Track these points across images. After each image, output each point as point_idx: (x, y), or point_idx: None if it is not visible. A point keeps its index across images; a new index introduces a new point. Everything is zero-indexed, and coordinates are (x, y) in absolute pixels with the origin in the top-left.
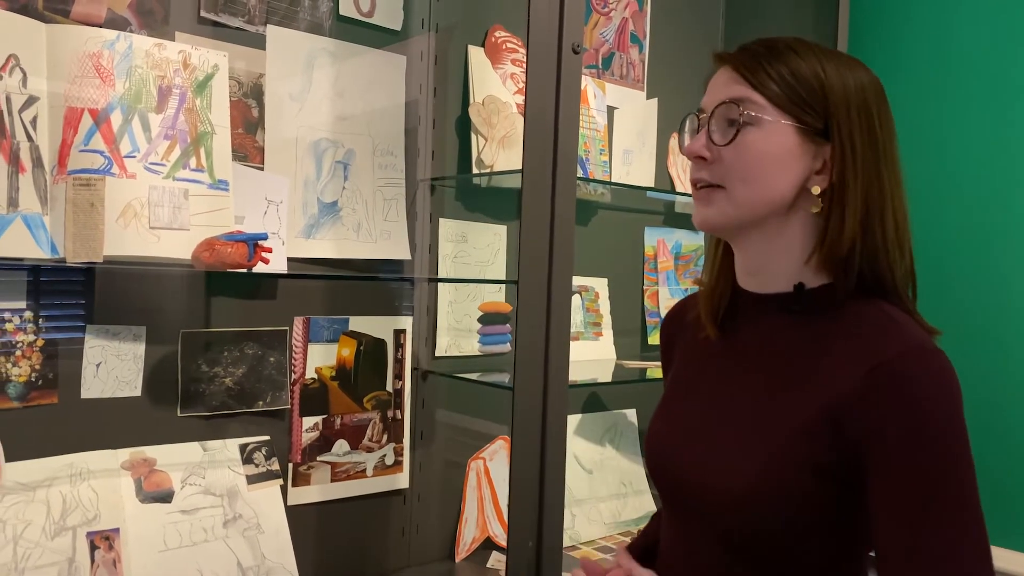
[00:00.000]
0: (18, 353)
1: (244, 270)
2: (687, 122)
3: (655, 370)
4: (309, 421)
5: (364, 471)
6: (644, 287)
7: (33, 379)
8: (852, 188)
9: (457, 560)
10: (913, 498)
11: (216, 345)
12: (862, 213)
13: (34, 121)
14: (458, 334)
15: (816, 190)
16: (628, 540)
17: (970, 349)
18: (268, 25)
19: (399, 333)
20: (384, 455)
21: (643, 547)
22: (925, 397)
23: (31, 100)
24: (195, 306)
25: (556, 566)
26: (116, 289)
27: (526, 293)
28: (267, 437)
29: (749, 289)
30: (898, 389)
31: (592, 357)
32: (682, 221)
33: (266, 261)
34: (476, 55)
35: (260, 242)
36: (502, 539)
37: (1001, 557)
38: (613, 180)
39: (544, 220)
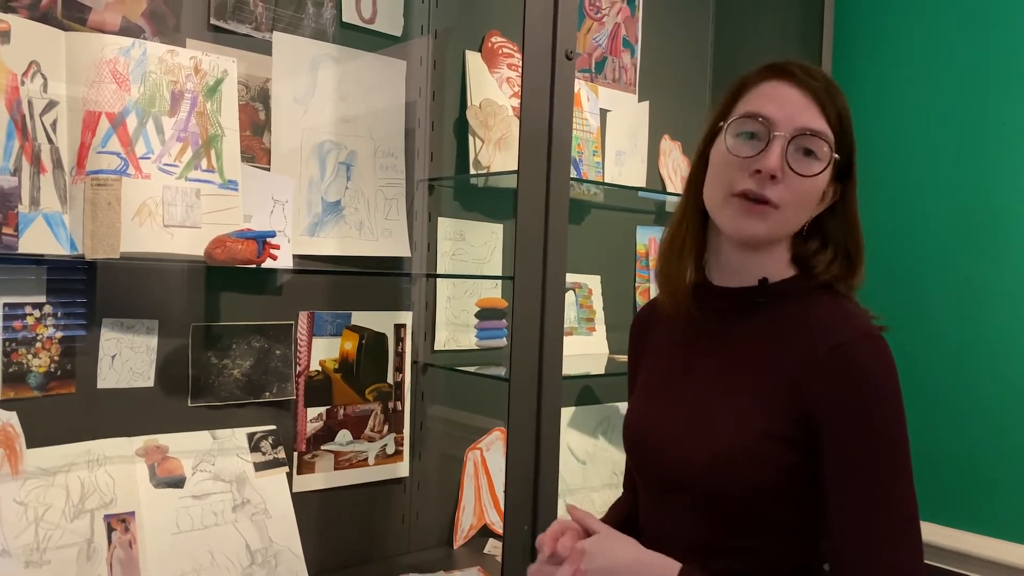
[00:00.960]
0: (38, 345)
1: (253, 266)
2: (736, 126)
3: None
4: (313, 411)
5: (366, 460)
6: (636, 284)
7: (52, 370)
8: (852, 211)
9: (455, 546)
10: (858, 458)
11: (225, 338)
12: (844, 232)
13: (54, 124)
14: (456, 329)
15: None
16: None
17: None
18: (274, 32)
19: (399, 327)
20: (385, 445)
21: (614, 523)
22: (872, 375)
23: (51, 104)
24: (205, 301)
25: None
26: (131, 284)
27: (522, 289)
28: (273, 426)
29: (719, 284)
30: (849, 368)
31: (585, 352)
32: None
33: (274, 258)
34: (473, 60)
35: (268, 239)
36: (498, 526)
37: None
38: (606, 180)
39: (539, 219)
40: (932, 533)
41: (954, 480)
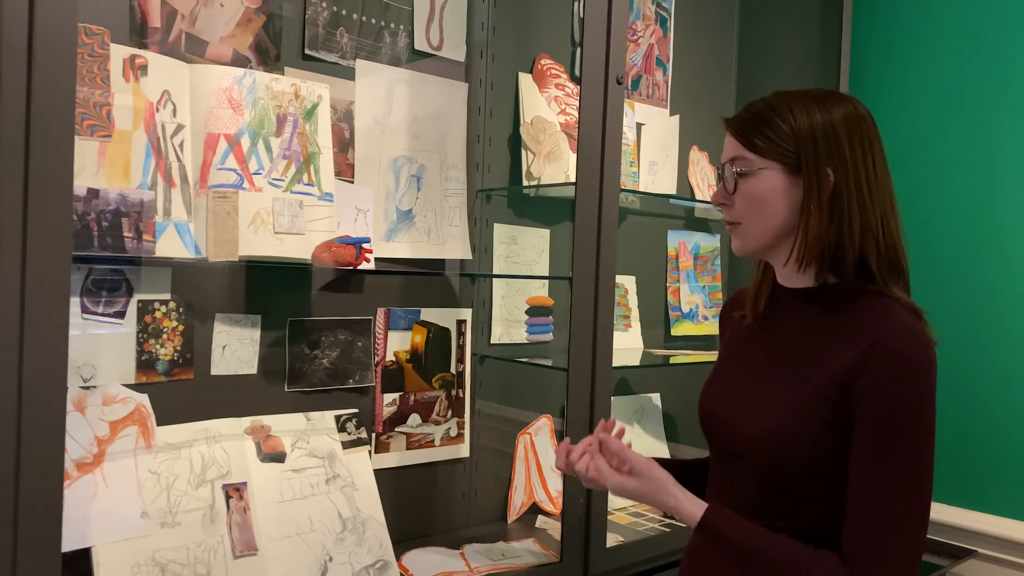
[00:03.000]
0: (164, 336)
1: (348, 267)
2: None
3: (678, 357)
4: (389, 397)
5: (432, 441)
6: (667, 284)
7: (175, 358)
8: (817, 207)
9: (509, 521)
10: (882, 444)
11: (315, 332)
12: (826, 227)
13: (181, 145)
14: (509, 324)
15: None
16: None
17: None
18: (357, 59)
19: (461, 323)
20: (449, 428)
21: (681, 466)
22: (907, 369)
23: (179, 128)
24: (300, 299)
25: (602, 520)
26: (238, 284)
27: (578, 288)
28: (356, 410)
29: (785, 285)
30: (889, 360)
31: (622, 346)
32: (701, 225)
33: (368, 260)
34: (525, 81)
35: (364, 245)
36: (546, 504)
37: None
38: (641, 189)
39: (592, 225)
40: (942, 512)
41: (964, 465)
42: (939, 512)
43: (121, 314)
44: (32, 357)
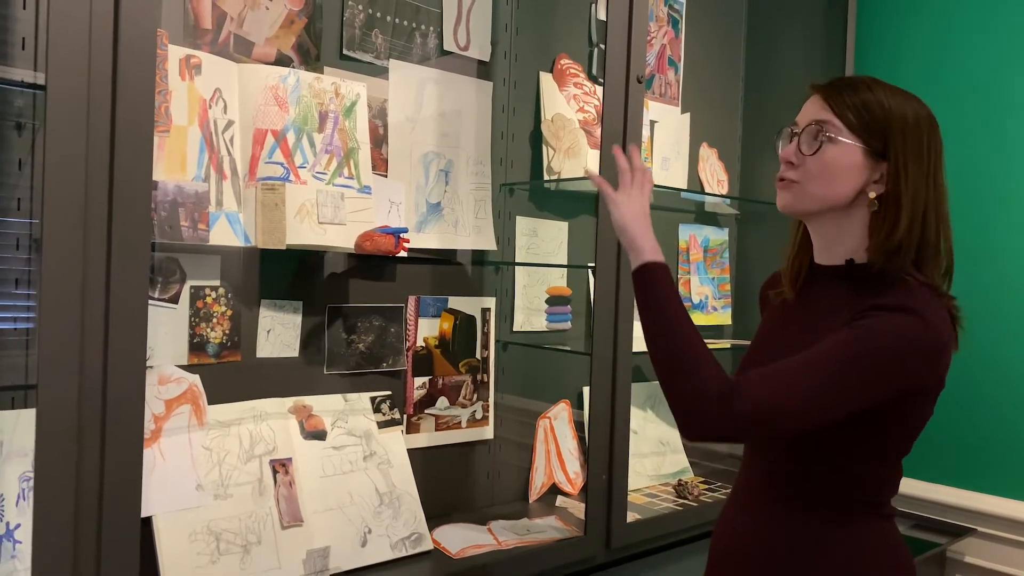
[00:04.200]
0: (214, 320)
1: (384, 255)
2: (782, 132)
3: None
4: (419, 380)
5: (459, 423)
6: (678, 275)
7: (224, 341)
8: (904, 197)
9: (530, 501)
10: (832, 341)
11: (352, 317)
12: (909, 217)
13: (232, 140)
14: (530, 312)
15: (872, 195)
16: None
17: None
18: (391, 59)
19: (485, 311)
20: (475, 411)
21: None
22: (890, 320)
23: (229, 124)
24: (337, 286)
25: (622, 497)
26: (281, 271)
27: (601, 276)
28: (389, 392)
29: (820, 262)
30: (878, 311)
31: (636, 335)
32: (710, 219)
33: (405, 250)
34: (546, 80)
35: (402, 234)
36: (565, 485)
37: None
38: (654, 183)
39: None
40: (942, 493)
41: (963, 447)
42: (940, 492)
43: (175, 299)
44: (116, 337)
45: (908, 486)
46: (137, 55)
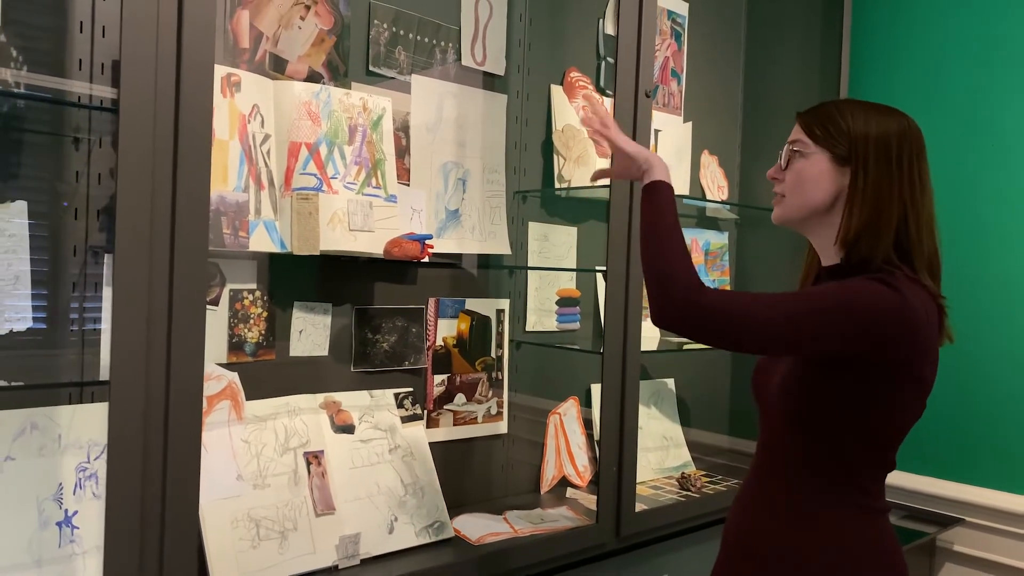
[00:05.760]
0: (251, 321)
1: (415, 260)
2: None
3: (690, 345)
4: (438, 378)
5: (476, 419)
6: None
7: (260, 341)
8: (864, 192)
9: (541, 492)
10: (805, 291)
11: (377, 318)
12: (868, 216)
13: (268, 152)
14: (542, 313)
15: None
16: None
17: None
18: (413, 75)
19: (500, 312)
20: (490, 407)
21: None
22: (863, 282)
23: (267, 137)
24: (363, 289)
25: (631, 487)
26: (311, 275)
27: (612, 279)
28: (411, 389)
29: (824, 264)
30: (857, 278)
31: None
32: (711, 223)
33: (429, 255)
34: (556, 92)
35: (427, 241)
36: (574, 478)
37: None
38: None
39: (624, 223)
40: (932, 485)
41: (952, 441)
42: (929, 484)
43: (216, 301)
44: (178, 336)
45: (900, 478)
46: (197, 76)
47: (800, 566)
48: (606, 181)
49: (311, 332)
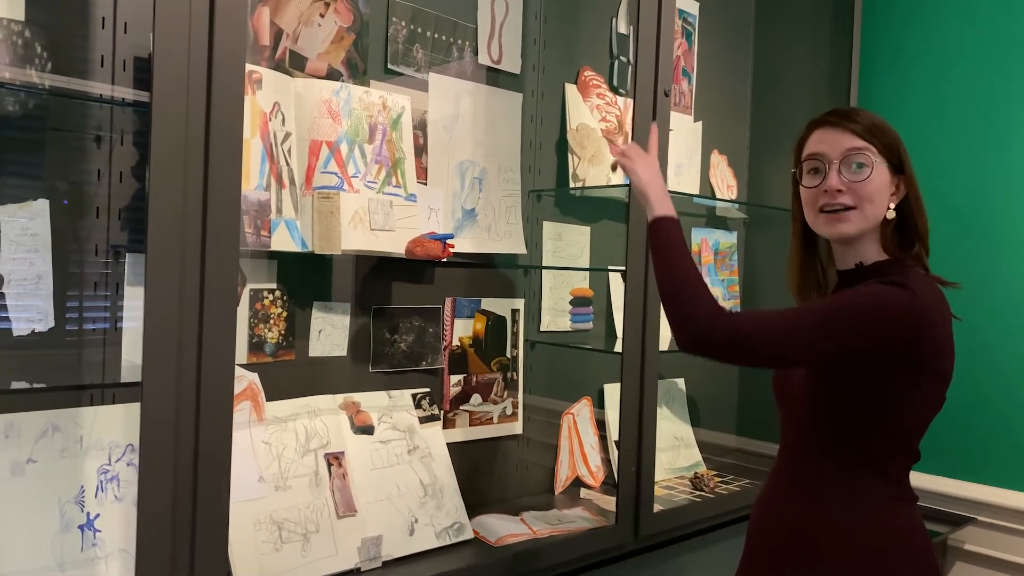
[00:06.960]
0: (271, 321)
1: (436, 259)
2: (805, 167)
3: None
4: (455, 378)
5: (491, 419)
6: None
7: (280, 341)
8: (916, 204)
9: (556, 493)
10: (827, 300)
11: (395, 318)
12: (926, 220)
13: (289, 151)
14: (556, 313)
15: (891, 206)
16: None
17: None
18: (430, 73)
19: (515, 312)
20: (505, 407)
21: None
22: (879, 287)
23: (287, 136)
24: (381, 288)
25: (650, 488)
26: (329, 275)
27: (631, 279)
28: (428, 389)
29: (840, 268)
30: (873, 282)
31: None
32: (720, 223)
33: (450, 255)
34: (571, 91)
35: (448, 240)
36: (587, 478)
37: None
38: (669, 189)
39: (643, 223)
40: (943, 484)
41: (963, 441)
42: (941, 483)
43: (236, 301)
44: (209, 336)
45: (911, 477)
46: (228, 72)
47: (850, 552)
48: (621, 179)
49: (330, 332)
